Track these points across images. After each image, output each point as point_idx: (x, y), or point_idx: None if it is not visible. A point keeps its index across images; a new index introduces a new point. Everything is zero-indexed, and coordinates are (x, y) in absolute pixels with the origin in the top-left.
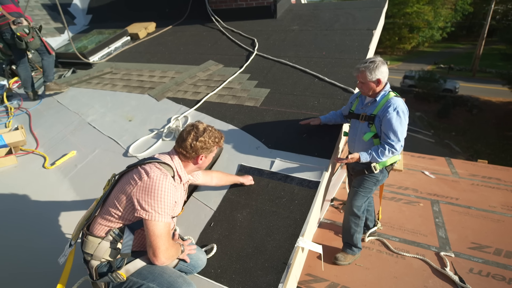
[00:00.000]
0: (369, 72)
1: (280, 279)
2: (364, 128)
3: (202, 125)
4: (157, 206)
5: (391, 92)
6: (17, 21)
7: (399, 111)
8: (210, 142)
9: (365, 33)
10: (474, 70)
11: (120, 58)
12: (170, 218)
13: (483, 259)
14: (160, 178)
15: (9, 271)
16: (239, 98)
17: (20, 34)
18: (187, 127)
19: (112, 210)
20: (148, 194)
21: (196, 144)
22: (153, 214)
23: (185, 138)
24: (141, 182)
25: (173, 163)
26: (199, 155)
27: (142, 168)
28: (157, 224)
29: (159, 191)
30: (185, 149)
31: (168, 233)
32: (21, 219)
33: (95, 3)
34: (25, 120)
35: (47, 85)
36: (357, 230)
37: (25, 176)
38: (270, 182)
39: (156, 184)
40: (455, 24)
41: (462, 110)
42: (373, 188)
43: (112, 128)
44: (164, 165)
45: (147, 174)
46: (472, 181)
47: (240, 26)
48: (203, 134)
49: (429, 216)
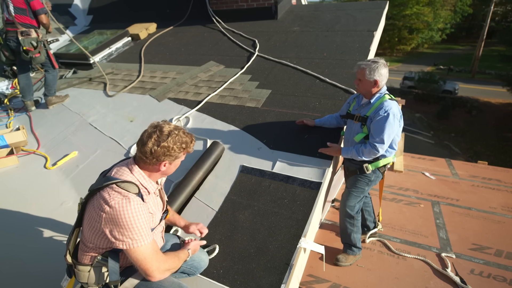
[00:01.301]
0: (368, 71)
1: (282, 280)
2: (357, 129)
3: (168, 126)
4: (130, 233)
5: (386, 94)
6: (26, 33)
7: (390, 113)
8: (175, 148)
9: (366, 34)
10: (473, 71)
11: (121, 58)
12: (151, 236)
13: (484, 260)
14: (122, 204)
15: (12, 270)
16: (240, 99)
17: (27, 48)
18: (149, 128)
19: (90, 240)
20: (116, 224)
21: (158, 150)
22: (130, 242)
23: (145, 142)
24: (106, 214)
25: (133, 176)
26: (161, 162)
27: (101, 197)
28: (137, 249)
29: (125, 218)
30: (144, 154)
31: (155, 251)
32: (22, 219)
33: (96, 3)
34: (26, 120)
35: (48, 99)
36: (354, 230)
37: (26, 177)
38: (272, 183)
39: (120, 213)
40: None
41: (462, 111)
42: (365, 188)
43: (114, 129)
44: (125, 183)
45: (108, 204)
46: (472, 182)
47: (241, 27)
48: (167, 139)
49: (430, 217)
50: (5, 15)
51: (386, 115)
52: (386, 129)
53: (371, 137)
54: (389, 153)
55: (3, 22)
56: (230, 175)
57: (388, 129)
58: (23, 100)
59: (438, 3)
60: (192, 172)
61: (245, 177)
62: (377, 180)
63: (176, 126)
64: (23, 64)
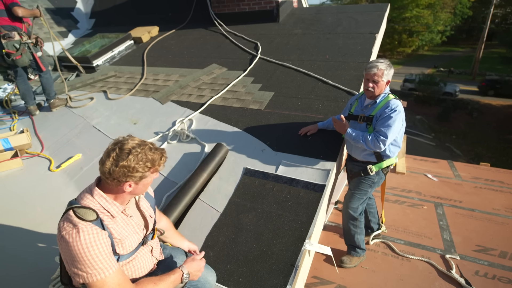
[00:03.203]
0: (386, 71)
1: (287, 282)
2: (362, 129)
3: (131, 142)
4: (84, 266)
5: (390, 94)
6: (8, 35)
7: (397, 111)
8: (137, 168)
9: (367, 37)
10: (474, 73)
11: (124, 61)
12: (113, 267)
13: (489, 262)
14: (72, 235)
15: (16, 272)
16: (243, 101)
17: (7, 51)
18: (110, 145)
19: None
20: (69, 257)
21: (116, 170)
22: (85, 276)
23: (104, 161)
24: (61, 246)
25: (93, 199)
26: (123, 183)
27: (58, 226)
28: (96, 283)
29: (76, 251)
30: (104, 175)
31: (118, 284)
32: (27, 221)
33: (98, 7)
34: (30, 123)
35: (51, 102)
36: (357, 231)
37: (30, 179)
38: (276, 186)
39: (70, 245)
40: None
41: (463, 114)
42: (368, 190)
43: (117, 131)
44: (81, 209)
45: (60, 235)
46: (475, 184)
47: (243, 30)
48: (127, 157)
49: (433, 218)
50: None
51: (393, 112)
52: (392, 126)
53: (376, 130)
54: (392, 154)
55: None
56: (234, 177)
57: (393, 125)
58: (26, 105)
59: (437, 6)
60: (196, 174)
61: (248, 180)
62: (380, 182)
63: (142, 141)
64: (15, 69)
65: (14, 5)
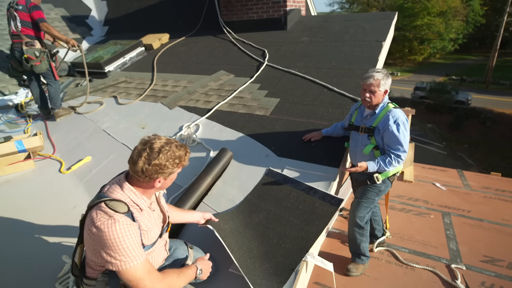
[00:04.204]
0: (383, 80)
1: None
2: (364, 141)
3: (159, 142)
4: (118, 254)
5: (389, 103)
6: (30, 43)
7: (400, 123)
8: (167, 165)
9: (374, 45)
10: (487, 82)
11: (135, 67)
12: (142, 256)
13: (496, 273)
14: (107, 225)
15: (24, 269)
16: (249, 107)
17: (28, 56)
18: (139, 145)
19: (89, 258)
20: (103, 246)
21: (149, 168)
22: (118, 263)
23: (136, 161)
24: (93, 235)
25: (124, 194)
26: (155, 179)
27: (90, 217)
28: (128, 270)
29: (111, 240)
30: (136, 173)
31: (147, 271)
32: (38, 220)
33: (112, 15)
34: (43, 127)
35: (55, 112)
36: (363, 240)
37: (42, 180)
38: (293, 191)
39: (106, 234)
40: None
41: (475, 122)
42: (375, 198)
43: (126, 135)
44: (113, 202)
45: (94, 225)
46: (484, 194)
47: (251, 38)
48: (158, 156)
49: (440, 228)
50: (11, 27)
51: (397, 125)
52: (401, 139)
53: (391, 149)
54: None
55: (10, 35)
56: (238, 181)
57: (403, 138)
58: (40, 109)
59: (449, 14)
60: (201, 178)
61: (268, 181)
62: (387, 190)
63: (168, 139)
64: (31, 75)
65: (43, 21)
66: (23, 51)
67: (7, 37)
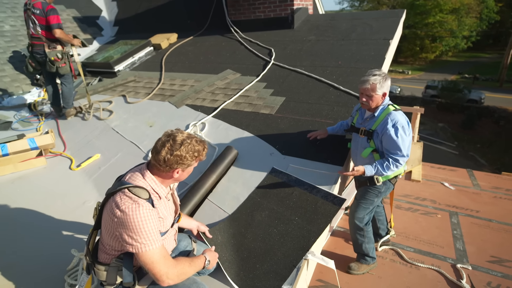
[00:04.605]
0: (379, 84)
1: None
2: (363, 143)
3: (181, 135)
4: (140, 237)
5: (390, 105)
6: (52, 46)
7: (398, 126)
8: (187, 157)
9: (381, 43)
10: (501, 80)
11: (143, 67)
12: (159, 241)
13: (503, 273)
14: (132, 209)
15: (35, 261)
16: (255, 105)
17: (54, 58)
18: (163, 137)
19: (106, 242)
20: (126, 228)
21: (171, 158)
22: (138, 246)
23: (159, 151)
24: (117, 219)
25: (145, 182)
26: (174, 170)
27: (114, 201)
28: (146, 253)
29: (135, 223)
30: (158, 162)
31: (163, 256)
32: (49, 214)
33: (121, 15)
34: (54, 125)
35: (66, 111)
36: (365, 240)
37: (53, 176)
38: (296, 190)
39: (130, 217)
40: (481, 33)
41: (488, 121)
42: (375, 200)
43: (134, 133)
44: (136, 189)
45: (119, 209)
46: (494, 194)
47: (258, 37)
48: (180, 148)
49: (447, 227)
50: (31, 30)
51: (396, 128)
52: (401, 142)
53: (390, 153)
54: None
55: (28, 36)
56: (243, 179)
57: (402, 140)
58: (52, 106)
59: (462, 11)
60: (206, 175)
61: (272, 179)
62: (388, 192)
63: (189, 134)
64: (48, 74)
65: (58, 27)
66: (46, 54)
67: (21, 38)
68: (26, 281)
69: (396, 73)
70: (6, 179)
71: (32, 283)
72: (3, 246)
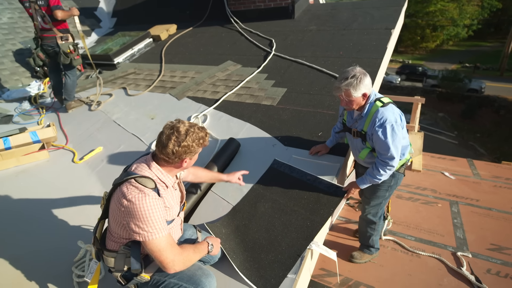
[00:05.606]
0: (353, 89)
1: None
2: (359, 145)
3: (183, 125)
4: (146, 226)
5: (377, 101)
6: (65, 38)
7: (386, 125)
8: (194, 145)
9: (383, 32)
10: (502, 69)
11: (143, 59)
12: (166, 230)
13: (502, 261)
14: (139, 198)
15: (41, 253)
16: (256, 97)
17: (70, 51)
18: (166, 130)
19: (114, 231)
20: (133, 217)
21: (179, 150)
22: (145, 234)
23: (165, 144)
24: (124, 208)
25: (151, 172)
26: (183, 160)
27: (121, 191)
28: (153, 242)
29: (141, 212)
30: (167, 155)
31: (170, 244)
32: (52, 207)
33: (120, 6)
34: (55, 118)
35: (68, 103)
36: (374, 233)
37: (56, 170)
38: (298, 181)
39: (136, 206)
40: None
41: (489, 111)
42: (386, 194)
43: (136, 126)
44: (142, 178)
45: (126, 198)
46: (494, 183)
47: (258, 27)
48: (186, 138)
49: (447, 216)
50: (40, 24)
51: (383, 128)
52: (390, 142)
53: (380, 155)
54: (402, 156)
55: (37, 29)
56: (245, 170)
57: (392, 140)
58: (55, 96)
59: None
60: (209, 167)
61: (274, 171)
62: (398, 183)
63: (190, 123)
64: (56, 65)
65: (58, 8)
66: (60, 46)
67: (19, 30)
68: (32, 273)
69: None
70: (10, 172)
71: (38, 275)
72: (8, 239)
